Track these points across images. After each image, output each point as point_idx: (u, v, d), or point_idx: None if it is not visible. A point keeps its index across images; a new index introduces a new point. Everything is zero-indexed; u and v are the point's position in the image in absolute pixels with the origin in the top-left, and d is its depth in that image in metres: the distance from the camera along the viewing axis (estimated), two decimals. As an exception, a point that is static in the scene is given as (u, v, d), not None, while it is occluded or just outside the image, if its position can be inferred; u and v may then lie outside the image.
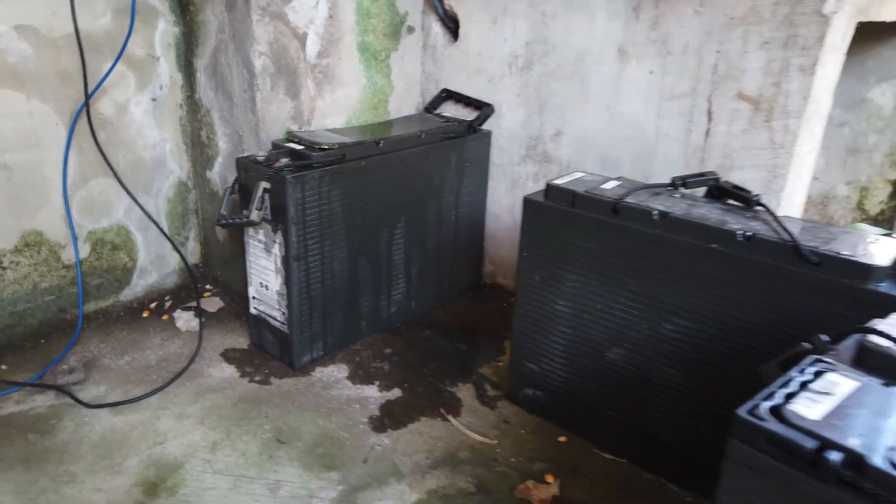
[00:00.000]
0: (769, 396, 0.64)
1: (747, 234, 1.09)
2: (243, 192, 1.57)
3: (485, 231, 2.08)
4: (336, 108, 1.84)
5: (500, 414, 1.50)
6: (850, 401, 0.64)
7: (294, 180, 1.47)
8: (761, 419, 0.60)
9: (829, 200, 3.43)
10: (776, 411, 0.61)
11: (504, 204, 2.02)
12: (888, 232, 3.18)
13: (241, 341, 1.77)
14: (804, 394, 0.65)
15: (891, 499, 0.53)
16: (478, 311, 1.97)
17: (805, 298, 1.03)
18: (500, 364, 1.69)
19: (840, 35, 1.38)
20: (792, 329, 1.05)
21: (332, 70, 1.79)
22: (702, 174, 1.32)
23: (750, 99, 1.43)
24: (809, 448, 0.57)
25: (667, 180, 1.33)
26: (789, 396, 0.64)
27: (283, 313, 1.60)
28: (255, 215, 1.47)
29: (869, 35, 3.01)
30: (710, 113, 1.51)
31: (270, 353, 1.70)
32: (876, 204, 3.32)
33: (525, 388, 1.50)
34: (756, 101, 1.42)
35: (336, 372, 1.64)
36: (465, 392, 1.57)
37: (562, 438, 1.42)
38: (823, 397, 0.64)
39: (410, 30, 1.96)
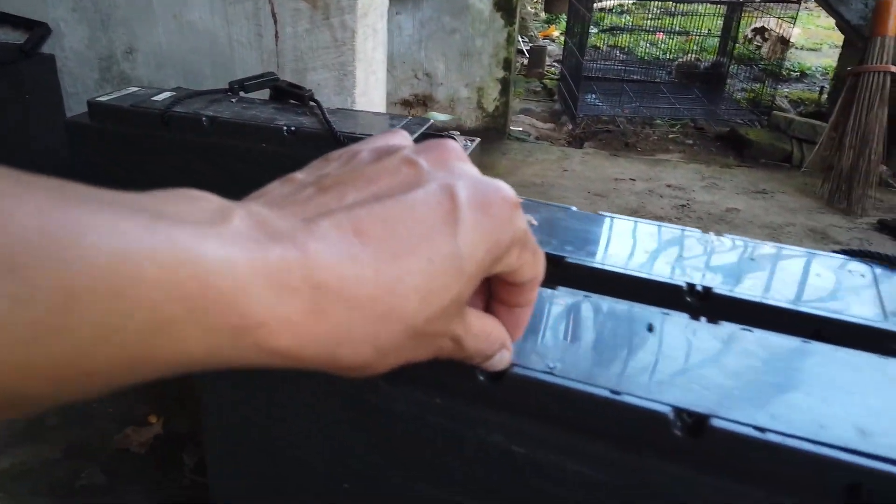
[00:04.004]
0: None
1: (292, 128, 1.09)
2: None
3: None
4: None
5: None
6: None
7: None
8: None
9: (456, 103, 3.75)
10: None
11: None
12: (454, 116, 3.58)
13: None
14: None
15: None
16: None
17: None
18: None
19: (377, -71, 1.42)
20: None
21: None
22: (260, 76, 1.27)
23: (305, -3, 1.41)
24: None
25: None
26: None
27: None
28: None
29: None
30: (274, 14, 1.46)
31: None
32: (491, 101, 3.73)
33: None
34: (311, -2, 1.41)
35: None
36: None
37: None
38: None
39: None
